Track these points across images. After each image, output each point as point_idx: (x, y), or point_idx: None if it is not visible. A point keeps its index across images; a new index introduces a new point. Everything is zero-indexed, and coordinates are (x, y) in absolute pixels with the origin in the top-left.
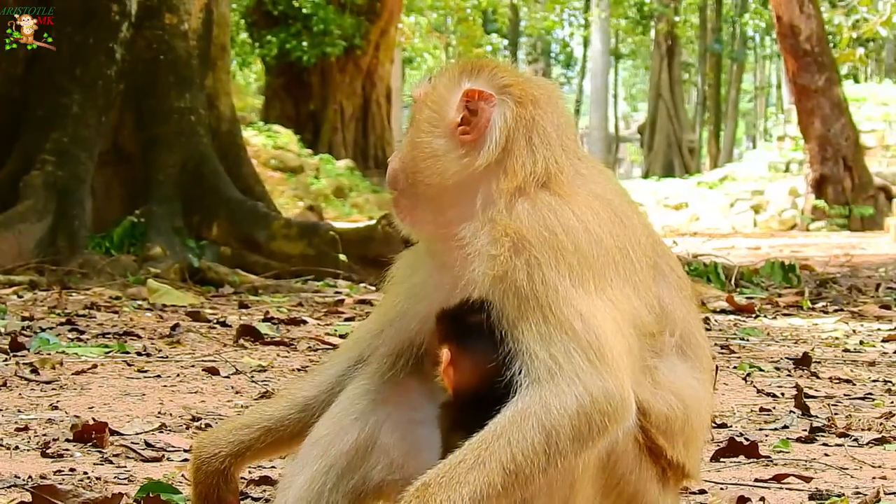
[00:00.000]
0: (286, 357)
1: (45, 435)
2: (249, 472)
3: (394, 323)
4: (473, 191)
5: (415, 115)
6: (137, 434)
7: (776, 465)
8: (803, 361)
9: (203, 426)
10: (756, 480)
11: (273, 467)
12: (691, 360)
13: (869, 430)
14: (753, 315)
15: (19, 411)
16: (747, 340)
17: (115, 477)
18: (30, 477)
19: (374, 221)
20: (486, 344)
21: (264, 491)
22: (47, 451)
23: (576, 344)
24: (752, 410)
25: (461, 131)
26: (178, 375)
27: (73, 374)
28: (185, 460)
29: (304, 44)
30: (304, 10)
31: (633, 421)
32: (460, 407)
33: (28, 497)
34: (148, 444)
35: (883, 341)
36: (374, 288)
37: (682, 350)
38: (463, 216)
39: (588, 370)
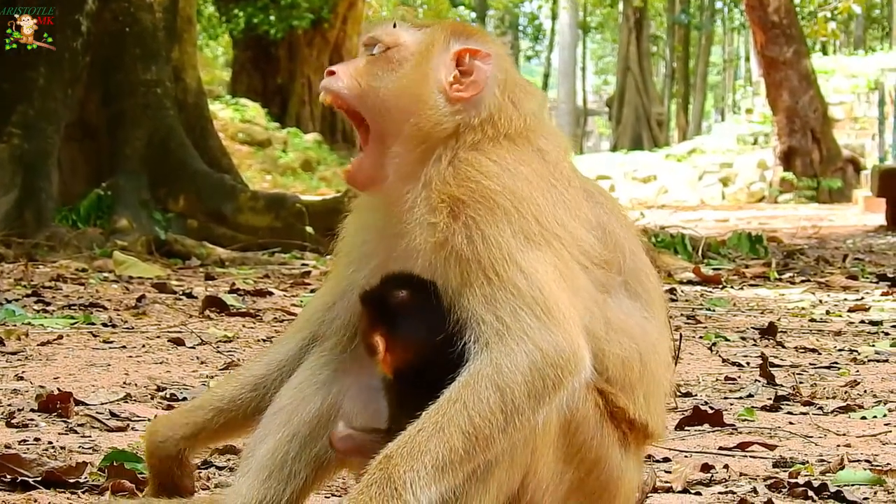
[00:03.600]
0: (252, 328)
1: (9, 405)
2: None
3: (345, 295)
4: (434, 147)
5: (400, 62)
6: (102, 404)
7: (741, 433)
8: (769, 331)
9: (168, 396)
10: (720, 448)
11: None
12: (641, 298)
13: (834, 398)
14: (720, 286)
15: None
16: (713, 311)
17: (79, 446)
18: None
19: (340, 194)
20: (415, 321)
21: (228, 460)
22: (12, 421)
23: (521, 302)
24: (717, 379)
25: (455, 89)
26: (143, 346)
27: (38, 344)
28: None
29: (272, 17)
30: None
31: (589, 372)
32: (404, 382)
33: None
34: (113, 414)
35: (849, 311)
36: None
37: (630, 288)
38: (415, 174)
39: (536, 326)
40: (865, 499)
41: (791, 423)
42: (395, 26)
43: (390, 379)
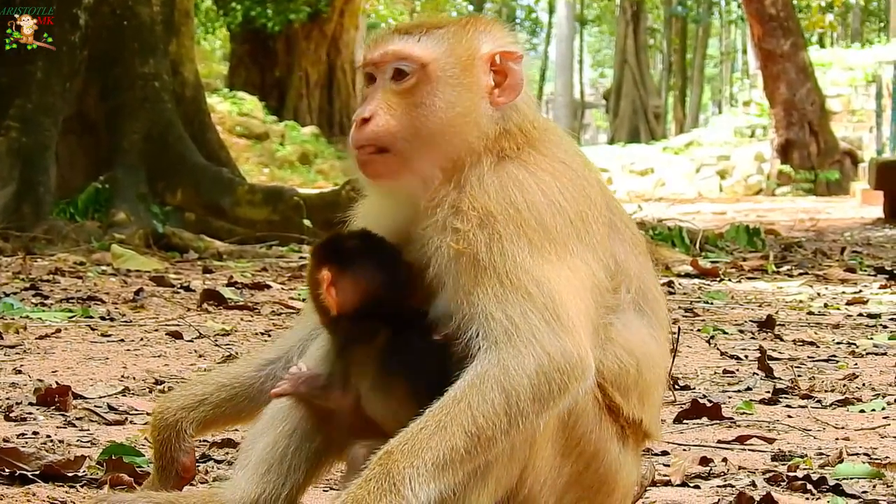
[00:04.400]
0: (250, 321)
1: (8, 398)
2: (213, 435)
3: None
4: (471, 153)
5: (442, 80)
6: (101, 397)
7: (739, 426)
8: (767, 324)
9: (166, 389)
10: (719, 442)
11: (236, 430)
12: (647, 315)
13: (832, 391)
14: (718, 279)
15: None
16: (711, 304)
17: (77, 440)
18: None
19: (338, 187)
20: (365, 264)
21: (227, 453)
22: (10, 415)
23: (531, 306)
24: (715, 372)
25: (496, 94)
26: (141, 339)
27: (36, 338)
28: (149, 423)
29: (269, 11)
30: None
31: (593, 379)
32: (346, 325)
33: None
34: (111, 408)
35: (847, 304)
36: None
37: (638, 305)
38: (446, 178)
39: (544, 331)
40: (864, 492)
41: (790, 416)
42: (419, 40)
43: (335, 318)
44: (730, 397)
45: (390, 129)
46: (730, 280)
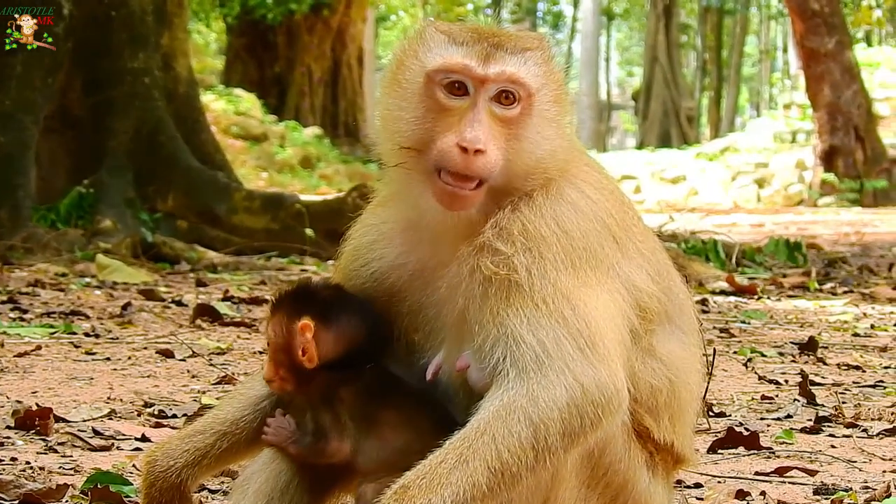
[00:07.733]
0: (247, 339)
1: None
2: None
3: None
4: (548, 180)
5: (545, 111)
6: (85, 421)
7: (779, 457)
8: (809, 346)
9: (156, 412)
10: (757, 473)
11: None
12: (676, 322)
13: (879, 419)
14: (756, 296)
15: None
16: (749, 324)
17: (59, 467)
18: None
19: (343, 193)
20: (346, 314)
21: (222, 482)
22: None
23: (566, 331)
24: (752, 398)
25: (567, 122)
26: (129, 358)
27: (14, 356)
28: (137, 449)
29: (269, 1)
30: None
31: (626, 411)
32: (326, 375)
33: None
34: (96, 432)
35: (895, 325)
36: None
37: (673, 321)
38: (503, 203)
39: (578, 359)
40: None
41: (833, 446)
42: (525, 62)
43: (309, 371)
44: (768, 425)
45: (499, 165)
46: (769, 298)
